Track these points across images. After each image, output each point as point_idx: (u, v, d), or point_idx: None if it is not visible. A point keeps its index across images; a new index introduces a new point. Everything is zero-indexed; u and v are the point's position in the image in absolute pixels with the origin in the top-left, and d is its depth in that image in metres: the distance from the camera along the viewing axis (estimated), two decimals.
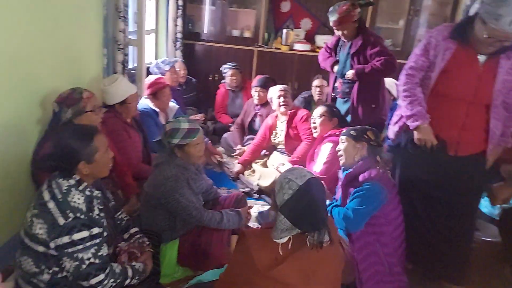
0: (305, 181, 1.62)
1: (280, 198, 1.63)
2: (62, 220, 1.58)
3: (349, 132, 2.40)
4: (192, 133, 2.28)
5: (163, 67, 4.03)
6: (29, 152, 2.29)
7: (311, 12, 5.48)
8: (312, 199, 1.61)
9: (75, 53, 2.69)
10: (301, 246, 1.61)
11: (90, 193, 1.70)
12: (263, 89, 4.04)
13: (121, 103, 2.82)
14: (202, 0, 5.37)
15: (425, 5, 4.99)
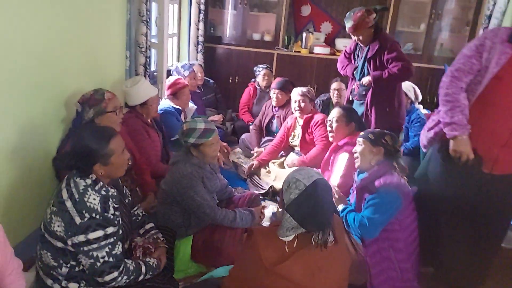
0: (312, 182, 1.65)
1: (287, 197, 1.67)
2: (79, 219, 1.65)
3: (367, 135, 2.36)
4: (208, 133, 2.35)
5: (183, 72, 4.13)
6: (53, 150, 2.40)
7: (332, 16, 5.51)
8: (318, 199, 1.65)
9: (99, 56, 2.80)
10: (306, 245, 1.65)
11: (105, 192, 1.76)
12: (281, 92, 4.08)
13: (142, 104, 2.91)
14: (223, 4, 5.47)
15: (447, 9, 4.94)
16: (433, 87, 4.90)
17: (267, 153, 3.79)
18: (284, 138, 3.80)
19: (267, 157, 3.77)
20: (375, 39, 3.22)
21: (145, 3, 3.07)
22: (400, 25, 5.08)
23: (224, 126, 4.62)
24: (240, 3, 5.22)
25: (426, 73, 4.93)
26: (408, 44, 5.13)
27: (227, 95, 5.23)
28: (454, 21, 5.08)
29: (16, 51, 2.03)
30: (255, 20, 5.55)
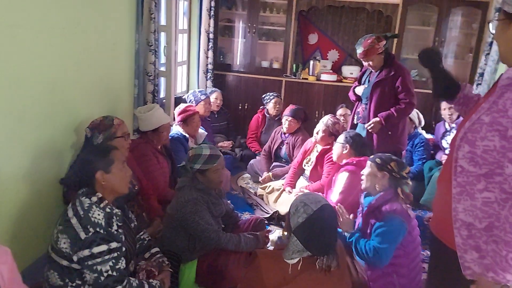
0: (320, 207, 1.70)
1: (295, 220, 1.71)
2: (84, 234, 1.70)
3: (374, 158, 2.39)
4: (213, 159, 2.39)
5: (200, 96, 4.22)
6: (62, 175, 2.46)
7: (338, 44, 5.61)
8: (324, 224, 1.69)
9: (108, 84, 2.90)
10: (310, 268, 1.67)
11: (110, 210, 1.81)
12: (294, 120, 4.12)
13: (153, 130, 2.96)
14: (232, 33, 5.63)
15: (450, 36, 5.03)
16: (437, 112, 4.92)
17: (292, 176, 3.81)
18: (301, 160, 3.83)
19: (293, 179, 3.80)
20: (387, 65, 3.29)
21: (153, 33, 3.18)
22: (405, 53, 5.16)
23: (233, 152, 4.67)
24: (249, 32, 5.37)
25: (431, 99, 4.96)
26: (413, 71, 5.19)
27: (236, 121, 5.31)
28: (457, 48, 5.15)
29: (29, 80, 2.13)
30: (263, 48, 5.69)
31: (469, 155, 1.30)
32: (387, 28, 5.21)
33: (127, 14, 3.04)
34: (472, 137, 1.30)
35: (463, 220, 1.33)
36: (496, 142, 1.24)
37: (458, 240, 1.35)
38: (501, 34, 1.30)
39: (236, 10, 5.53)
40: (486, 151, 1.26)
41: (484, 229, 1.28)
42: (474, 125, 1.30)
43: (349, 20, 5.48)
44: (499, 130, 1.23)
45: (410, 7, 4.89)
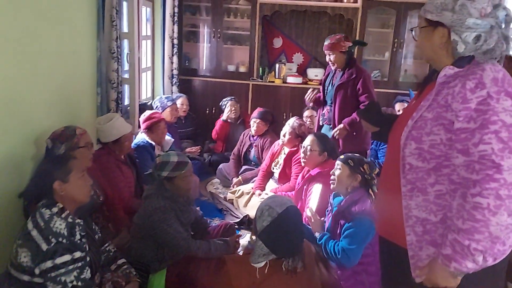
0: (285, 209, 1.71)
1: (260, 224, 1.72)
2: (45, 245, 1.65)
3: (346, 160, 2.40)
4: (181, 166, 2.38)
5: (166, 102, 4.19)
6: (23, 188, 2.35)
7: (302, 47, 5.70)
8: (289, 226, 1.70)
9: (70, 93, 2.83)
10: (277, 271, 1.69)
11: (72, 220, 1.78)
12: (262, 121, 4.17)
13: (114, 141, 2.88)
14: (197, 38, 5.63)
15: (408, 37, 5.19)
16: None
17: (261, 179, 3.83)
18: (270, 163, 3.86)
19: (263, 182, 3.81)
20: (348, 68, 3.37)
21: (115, 40, 3.14)
22: (366, 54, 5.32)
23: (201, 158, 4.66)
24: (214, 37, 5.37)
25: (393, 98, 5.12)
26: (375, 72, 5.36)
27: (204, 126, 5.30)
28: (416, 48, 5.32)
29: None
30: (229, 52, 5.70)
31: (416, 152, 1.34)
32: (349, 31, 5.33)
33: (87, 22, 2.98)
34: (418, 134, 1.34)
35: (417, 217, 1.36)
36: (442, 135, 1.30)
37: (412, 238, 1.38)
38: (425, 40, 1.40)
39: (200, 15, 5.52)
40: (433, 145, 1.32)
41: (439, 221, 1.33)
42: (417, 123, 1.35)
43: (312, 24, 5.58)
44: (444, 124, 1.29)
45: (369, 10, 5.03)
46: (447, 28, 1.32)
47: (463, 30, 1.28)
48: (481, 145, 1.19)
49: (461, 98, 1.24)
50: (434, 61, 1.42)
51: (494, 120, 1.18)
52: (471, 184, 1.21)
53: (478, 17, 1.27)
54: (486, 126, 1.19)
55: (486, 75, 1.23)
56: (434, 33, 1.36)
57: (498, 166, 1.17)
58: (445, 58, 1.37)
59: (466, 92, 1.23)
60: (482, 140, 1.19)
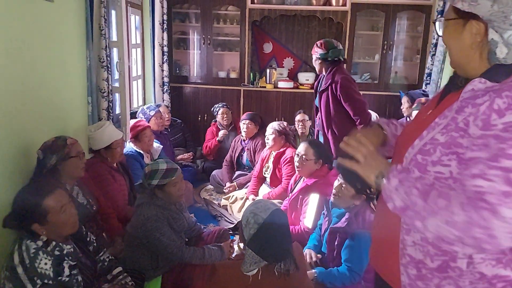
0: (269, 214, 1.69)
1: (247, 233, 1.70)
2: (31, 286, 1.61)
3: (354, 183, 2.28)
4: (171, 173, 2.38)
5: (149, 112, 4.18)
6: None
7: (293, 52, 5.73)
8: (277, 230, 1.69)
9: (60, 103, 2.82)
10: (270, 276, 1.68)
11: (59, 252, 1.71)
12: (251, 122, 4.19)
13: (106, 148, 2.90)
14: (187, 45, 5.63)
15: (398, 39, 5.27)
16: (391, 112, 5.14)
17: (254, 184, 3.84)
18: (260, 169, 3.87)
19: (256, 187, 3.82)
20: (329, 74, 3.35)
21: (104, 49, 3.14)
22: (357, 57, 5.36)
23: (194, 164, 4.65)
24: (204, 44, 5.38)
25: (384, 100, 5.17)
26: (365, 74, 5.40)
27: (196, 133, 5.30)
28: (405, 50, 5.42)
29: None
30: (219, 58, 5.71)
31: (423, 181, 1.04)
32: (338, 35, 5.37)
33: (76, 31, 2.98)
34: (423, 161, 1.05)
35: (412, 256, 1.11)
36: (453, 168, 0.99)
37: (405, 279, 1.14)
38: (453, 37, 1.07)
39: (190, 22, 5.53)
40: (439, 178, 1.02)
41: (436, 269, 1.08)
42: (426, 146, 1.05)
43: (302, 28, 5.61)
44: (458, 153, 0.98)
45: (358, 13, 5.07)
46: (484, 23, 0.99)
47: (506, 28, 0.95)
48: (480, 180, 0.90)
49: (482, 122, 0.93)
50: (461, 67, 1.09)
51: (511, 154, 0.88)
52: None
53: None
54: (496, 159, 0.89)
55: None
56: (465, 29, 1.02)
57: (493, 208, 0.87)
58: (477, 64, 1.04)
59: (492, 113, 0.92)
60: (483, 174, 0.89)
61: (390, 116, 5.12)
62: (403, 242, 1.12)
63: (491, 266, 1.00)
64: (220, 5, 5.33)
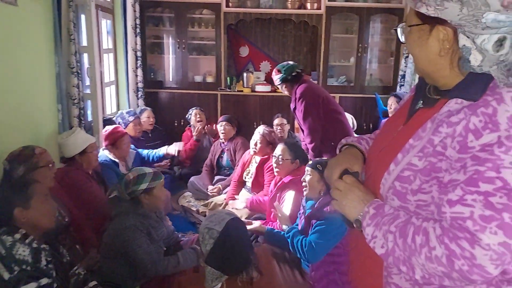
0: (225, 226, 1.64)
1: (204, 249, 1.65)
2: (7, 274, 1.56)
3: (315, 165, 2.41)
4: (159, 175, 2.35)
5: (128, 118, 4.10)
6: None
7: (269, 55, 5.73)
8: (234, 241, 1.64)
9: (28, 111, 2.72)
10: (234, 287, 1.63)
11: (37, 245, 1.69)
12: (228, 123, 4.15)
13: (81, 153, 2.84)
14: (162, 50, 5.56)
15: (372, 42, 5.34)
16: (367, 114, 5.20)
17: (233, 189, 3.79)
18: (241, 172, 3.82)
19: (235, 192, 3.77)
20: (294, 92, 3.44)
21: (74, 54, 3.05)
22: (332, 60, 5.40)
23: (172, 171, 4.56)
24: (179, 48, 5.31)
25: (360, 103, 5.23)
26: (341, 77, 5.44)
27: (173, 139, 5.17)
28: (380, 53, 5.50)
29: None
30: (195, 63, 5.66)
31: (402, 213, 0.97)
32: (314, 38, 5.40)
33: (43, 36, 2.87)
34: (403, 189, 0.97)
35: (398, 286, 1.02)
36: (434, 193, 0.92)
37: None
38: (418, 45, 0.96)
39: (164, 26, 5.46)
40: (420, 206, 0.95)
41: None
42: (403, 172, 0.96)
43: (278, 32, 5.62)
44: (438, 178, 0.91)
45: (333, 16, 5.11)
46: (452, 28, 0.89)
47: (479, 32, 0.85)
48: (459, 206, 0.84)
49: (459, 144, 0.87)
50: (429, 75, 0.99)
51: (489, 177, 0.81)
52: None
53: (501, 9, 0.80)
54: (475, 183, 0.83)
55: (503, 111, 0.82)
56: (431, 35, 0.92)
57: (472, 236, 0.82)
58: (447, 72, 0.94)
59: (468, 134, 0.85)
60: (462, 200, 0.84)
61: (366, 118, 5.17)
62: (387, 269, 1.04)
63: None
64: (195, 9, 5.28)
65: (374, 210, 0.98)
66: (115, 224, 2.27)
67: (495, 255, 0.80)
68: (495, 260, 0.81)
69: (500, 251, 0.80)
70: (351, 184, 1.06)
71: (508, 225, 0.80)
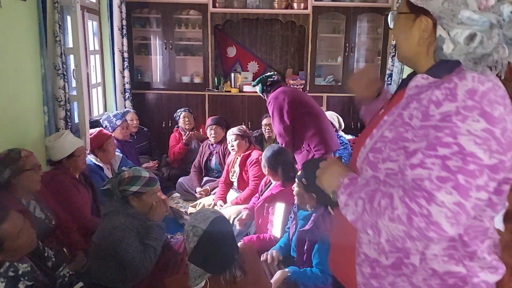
0: (209, 223, 1.65)
1: (188, 247, 1.66)
2: None
3: (301, 178, 2.38)
4: (153, 182, 2.33)
5: (115, 121, 4.06)
6: None
7: (257, 55, 5.72)
8: (218, 240, 1.65)
9: (14, 114, 2.69)
10: (218, 286, 1.64)
11: (13, 273, 1.64)
12: (218, 126, 4.15)
13: (68, 157, 2.82)
14: (149, 51, 5.53)
15: (359, 41, 5.36)
16: (355, 113, 5.20)
17: (222, 190, 3.80)
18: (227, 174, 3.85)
19: (224, 192, 3.78)
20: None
21: (59, 56, 3.02)
22: (320, 60, 5.42)
23: (159, 172, 4.54)
24: (166, 49, 5.29)
25: (348, 102, 5.25)
26: (329, 77, 5.47)
27: (160, 140, 5.18)
28: (367, 52, 5.54)
29: None
30: (182, 63, 5.63)
31: (373, 181, 1.05)
32: (301, 38, 5.42)
33: (28, 38, 2.84)
34: (375, 159, 1.06)
35: (366, 255, 1.11)
36: (401, 162, 1.00)
37: (359, 279, 1.14)
38: (402, 31, 1.09)
39: (150, 27, 5.43)
40: (389, 175, 1.03)
41: (391, 266, 1.07)
42: (376, 144, 1.07)
43: (265, 32, 5.62)
44: (405, 147, 1.00)
45: (320, 16, 5.13)
46: (433, 20, 1.01)
47: (454, 26, 0.97)
48: (419, 169, 0.93)
49: (421, 114, 0.97)
50: (409, 61, 1.12)
51: (447, 142, 0.90)
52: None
53: (476, 10, 0.96)
54: (434, 148, 0.92)
55: (462, 85, 0.93)
56: (414, 24, 1.04)
57: (429, 195, 0.90)
58: (424, 60, 1.07)
59: (430, 105, 0.96)
60: (422, 163, 0.93)
61: (354, 117, 5.20)
62: (359, 241, 1.12)
63: (443, 263, 1.02)
64: (181, 10, 5.25)
65: (348, 180, 1.07)
66: (105, 224, 2.26)
67: (450, 213, 0.88)
68: (450, 218, 0.88)
69: (455, 210, 0.88)
70: (331, 162, 1.18)
71: (463, 186, 0.88)
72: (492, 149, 0.90)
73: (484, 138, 0.89)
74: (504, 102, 0.94)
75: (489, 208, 1.00)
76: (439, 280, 1.03)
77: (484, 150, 0.89)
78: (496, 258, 1.05)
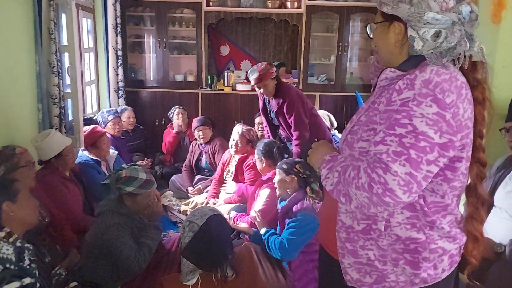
0: (206, 221, 1.68)
1: (183, 241, 1.69)
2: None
3: (281, 165, 2.48)
4: (149, 184, 2.32)
5: (107, 117, 4.08)
6: None
7: (250, 54, 5.76)
8: (213, 237, 1.67)
9: (8, 111, 2.69)
10: (210, 283, 1.67)
11: (20, 244, 1.69)
12: (205, 127, 4.12)
13: (57, 156, 2.80)
14: (142, 49, 5.53)
15: (352, 41, 5.41)
16: (348, 112, 5.27)
17: (215, 188, 3.79)
18: (222, 171, 3.83)
19: (217, 190, 3.77)
20: (277, 93, 3.36)
21: (54, 53, 3.02)
22: (313, 59, 5.46)
23: (153, 170, 4.55)
24: (159, 47, 5.30)
25: (341, 101, 5.30)
26: (322, 76, 5.51)
27: (154, 138, 5.19)
28: (360, 51, 5.59)
29: None
30: (176, 62, 5.65)
31: (349, 158, 1.24)
32: (294, 37, 5.46)
33: (23, 35, 2.84)
34: (351, 139, 1.25)
35: (343, 222, 1.29)
36: (371, 141, 1.17)
37: (338, 243, 1.31)
38: (381, 38, 1.24)
39: (144, 25, 5.44)
40: (362, 153, 1.21)
41: (361, 231, 1.25)
42: (354, 127, 1.26)
43: (258, 31, 5.65)
44: (374, 129, 1.18)
45: (313, 15, 5.17)
46: (404, 23, 1.18)
47: (421, 26, 1.14)
48: (380, 145, 1.10)
49: (386, 100, 1.15)
50: (389, 62, 1.26)
51: (403, 123, 1.07)
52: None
53: (439, 11, 1.13)
54: (392, 127, 1.09)
55: (421, 76, 1.10)
56: (389, 30, 1.20)
57: (386, 166, 1.06)
58: (400, 58, 1.22)
59: (393, 92, 1.13)
60: (383, 141, 1.10)
61: (347, 115, 5.25)
62: (338, 211, 1.30)
63: (405, 230, 1.19)
64: (175, 8, 5.27)
65: (329, 157, 1.26)
66: (99, 223, 2.26)
67: (402, 181, 1.05)
68: (402, 186, 1.05)
69: (407, 179, 1.05)
70: (321, 143, 1.38)
71: (414, 160, 1.05)
72: (442, 130, 1.06)
73: (435, 120, 1.06)
74: (459, 92, 1.11)
75: (445, 183, 1.16)
76: (402, 245, 1.20)
77: (435, 130, 1.06)
78: (457, 231, 1.22)
